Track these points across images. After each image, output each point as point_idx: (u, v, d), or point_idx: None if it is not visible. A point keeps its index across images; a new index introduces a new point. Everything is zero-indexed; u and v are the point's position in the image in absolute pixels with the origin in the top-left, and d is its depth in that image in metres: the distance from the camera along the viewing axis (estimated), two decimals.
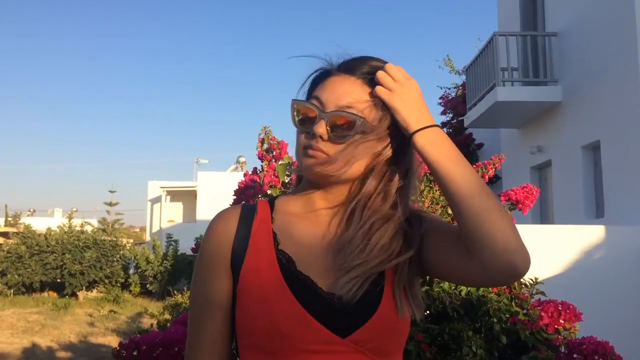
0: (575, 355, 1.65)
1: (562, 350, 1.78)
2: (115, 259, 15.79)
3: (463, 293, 1.94)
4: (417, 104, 0.97)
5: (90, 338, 9.45)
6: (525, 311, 1.98)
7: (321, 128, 0.97)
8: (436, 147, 0.95)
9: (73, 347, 8.73)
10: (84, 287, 15.15)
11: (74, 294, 15.00)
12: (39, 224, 19.69)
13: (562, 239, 4.77)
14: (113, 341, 8.74)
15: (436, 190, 2.29)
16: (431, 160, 0.94)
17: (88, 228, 16.98)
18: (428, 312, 2.01)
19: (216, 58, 69.20)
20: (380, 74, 0.97)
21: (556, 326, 1.91)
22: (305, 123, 0.99)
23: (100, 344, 8.86)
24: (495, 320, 1.83)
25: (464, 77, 11.19)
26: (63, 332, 9.84)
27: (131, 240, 22.01)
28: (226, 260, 0.99)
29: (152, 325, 6.53)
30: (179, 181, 24.14)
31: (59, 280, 15.33)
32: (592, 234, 4.83)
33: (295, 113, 1.01)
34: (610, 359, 1.59)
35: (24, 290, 15.14)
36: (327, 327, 0.92)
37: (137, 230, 36.35)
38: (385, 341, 0.97)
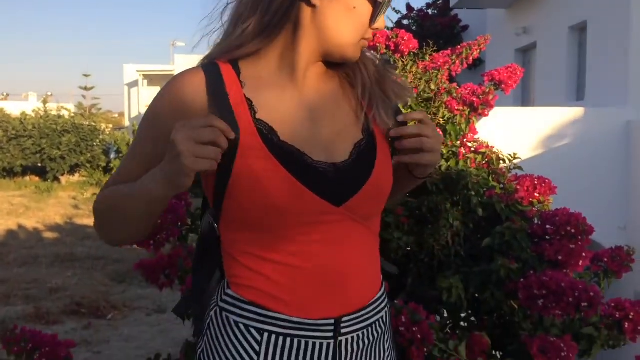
0: (548, 226, 1.71)
1: (536, 222, 1.84)
2: (95, 143, 15.72)
3: (443, 168, 1.96)
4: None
5: (76, 220, 9.62)
6: (502, 186, 2.01)
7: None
8: None
9: (59, 228, 8.90)
10: (65, 172, 15.21)
11: (56, 179, 15.08)
12: (13, 109, 19.25)
13: (541, 121, 4.80)
14: None
15: (417, 67, 2.24)
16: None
17: (65, 113, 16.69)
18: None
19: None
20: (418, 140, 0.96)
21: (531, 199, 1.95)
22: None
23: (85, 225, 9.03)
24: (473, 193, 1.86)
25: None
26: (48, 214, 9.99)
27: (110, 126, 21.79)
28: None
29: None
30: (156, 64, 23.46)
31: (39, 164, 15.33)
32: (571, 116, 4.86)
33: None
34: (582, 229, 1.64)
35: (5, 174, 15.15)
36: (321, 196, 0.89)
37: (116, 115, 35.83)
38: (375, 206, 0.97)
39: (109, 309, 4.50)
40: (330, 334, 0.91)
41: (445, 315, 2.03)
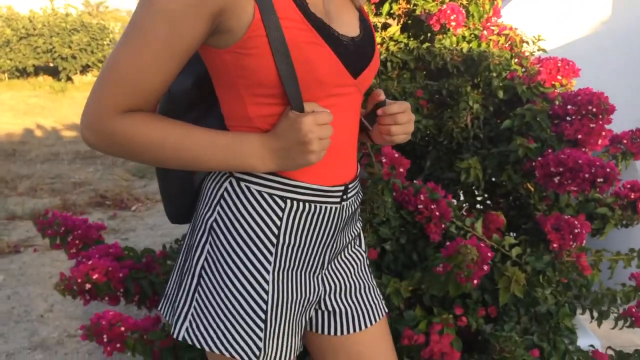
0: (569, 106, 1.69)
1: (557, 103, 1.82)
2: (105, 42, 15.48)
3: (464, 50, 1.92)
4: None
5: None
6: (524, 69, 1.98)
7: None
8: None
9: (77, 126, 9.01)
10: (78, 71, 15.12)
11: (69, 78, 15.03)
12: (21, 7, 18.80)
13: (571, 5, 4.60)
14: None
15: None
16: None
17: (72, 11, 16.32)
18: (426, 72, 2.02)
19: None
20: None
21: (553, 82, 1.93)
22: None
23: None
24: (494, 74, 1.84)
25: None
26: (64, 114, 10.07)
27: (119, 24, 21.31)
28: None
29: None
30: None
31: (51, 64, 15.23)
32: (601, 3, 4.65)
33: None
34: (604, 108, 1.63)
35: (19, 74, 15.10)
36: (346, 69, 0.91)
37: (124, 14, 34.89)
38: (372, 79, 1.01)
39: (132, 201, 4.65)
40: (338, 199, 0.99)
41: (462, 198, 2.08)
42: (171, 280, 1.04)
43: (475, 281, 1.42)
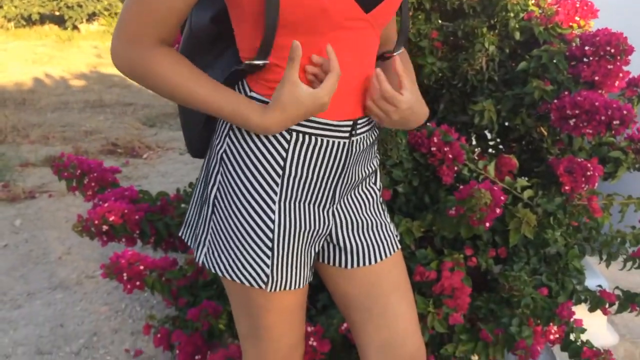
0: (587, 47, 1.67)
1: (575, 45, 1.79)
2: None
3: None
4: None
5: (100, 68, 9.63)
6: (541, 10, 1.94)
7: None
8: None
9: (85, 76, 8.96)
10: (84, 20, 14.94)
11: (75, 27, 14.86)
12: None
13: None
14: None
15: None
16: None
17: None
18: (441, 12, 1.98)
19: None
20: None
21: (570, 23, 1.89)
22: None
23: (111, 74, 9.06)
24: (512, 15, 1.80)
25: None
26: (72, 63, 10.01)
27: None
28: None
29: None
30: None
31: (57, 13, 15.05)
32: None
33: None
34: (622, 49, 1.60)
35: (25, 23, 14.96)
36: (357, 2, 0.90)
37: None
38: (390, 16, 0.99)
39: (143, 149, 4.67)
40: (347, 135, 0.99)
41: (474, 143, 2.08)
42: (191, 208, 1.07)
43: (487, 224, 1.44)
